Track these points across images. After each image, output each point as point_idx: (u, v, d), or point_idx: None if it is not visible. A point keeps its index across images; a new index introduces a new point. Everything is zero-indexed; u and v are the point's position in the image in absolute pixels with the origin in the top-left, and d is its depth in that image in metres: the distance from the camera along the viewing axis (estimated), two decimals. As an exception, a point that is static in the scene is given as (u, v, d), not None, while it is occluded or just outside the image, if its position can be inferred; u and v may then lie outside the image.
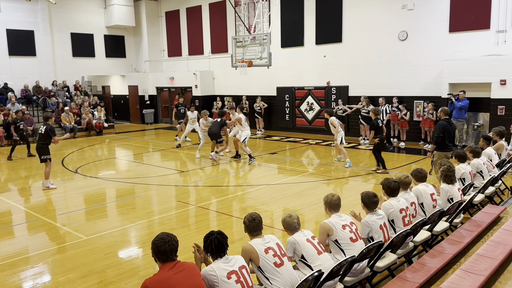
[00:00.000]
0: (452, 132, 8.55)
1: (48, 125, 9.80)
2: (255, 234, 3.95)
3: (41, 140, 9.79)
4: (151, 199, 9.04)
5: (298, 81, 18.19)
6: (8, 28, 19.85)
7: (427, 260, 4.71)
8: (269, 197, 8.75)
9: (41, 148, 9.76)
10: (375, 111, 10.46)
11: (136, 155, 14.31)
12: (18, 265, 5.70)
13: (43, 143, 9.77)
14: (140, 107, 23.92)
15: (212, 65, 21.84)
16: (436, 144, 8.37)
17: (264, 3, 18.13)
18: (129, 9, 23.36)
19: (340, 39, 16.64)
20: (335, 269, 3.86)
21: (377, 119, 10.31)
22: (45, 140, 9.76)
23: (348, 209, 7.64)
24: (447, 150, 8.32)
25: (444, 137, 8.27)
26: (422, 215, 5.55)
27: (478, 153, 7.66)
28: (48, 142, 9.80)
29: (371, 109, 10.48)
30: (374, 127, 10.24)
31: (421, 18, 14.45)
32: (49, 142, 9.82)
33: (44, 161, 9.78)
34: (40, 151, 9.76)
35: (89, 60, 22.98)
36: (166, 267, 3.31)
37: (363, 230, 4.67)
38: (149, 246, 3.47)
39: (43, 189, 9.75)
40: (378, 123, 10.32)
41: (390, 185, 5.15)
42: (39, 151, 9.78)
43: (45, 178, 9.84)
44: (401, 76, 15.12)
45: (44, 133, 9.73)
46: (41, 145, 9.77)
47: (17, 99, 19.28)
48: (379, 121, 10.36)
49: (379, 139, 10.24)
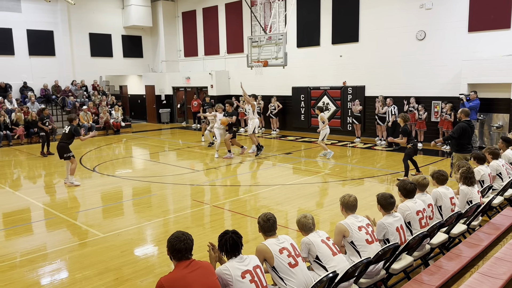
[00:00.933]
0: (471, 134, 8.42)
1: (73, 126, 10.06)
2: (269, 234, 3.94)
3: (64, 139, 10.02)
4: (167, 198, 9.12)
5: (313, 81, 18.11)
6: (28, 28, 20.25)
7: (444, 263, 4.65)
8: (284, 197, 8.74)
9: (63, 147, 9.98)
10: (404, 117, 10.11)
11: (152, 154, 14.45)
12: (37, 261, 5.81)
13: (65, 142, 10.00)
14: (157, 106, 24.14)
15: (227, 65, 21.91)
16: (446, 140, 8.49)
17: (280, 2, 18.10)
18: (147, 9, 23.59)
19: (357, 39, 16.52)
20: (350, 270, 3.83)
21: (406, 125, 10.02)
22: (68, 140, 10.01)
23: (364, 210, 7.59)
24: (466, 152, 8.21)
25: (464, 139, 8.16)
26: (439, 218, 5.47)
27: (497, 154, 7.52)
28: (70, 142, 10.06)
29: (399, 116, 10.21)
30: (406, 133, 9.85)
31: (439, 18, 14.25)
32: (71, 141, 10.09)
33: (68, 158, 10.01)
34: (62, 150, 9.97)
35: (107, 60, 23.28)
36: (181, 265, 3.33)
37: (378, 232, 4.62)
38: (164, 244, 3.50)
39: (68, 185, 9.96)
40: (409, 128, 10.13)
41: (406, 186, 5.09)
42: (61, 149, 9.98)
43: (70, 174, 10.06)
44: (419, 76, 14.93)
45: (68, 133, 9.98)
46: (63, 144, 9.99)
47: (36, 98, 19.65)
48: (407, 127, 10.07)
49: (412, 144, 9.88)
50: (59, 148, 10.05)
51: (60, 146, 10.03)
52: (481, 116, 13.30)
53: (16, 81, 19.86)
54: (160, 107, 24.05)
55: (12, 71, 19.76)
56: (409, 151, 9.94)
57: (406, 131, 9.86)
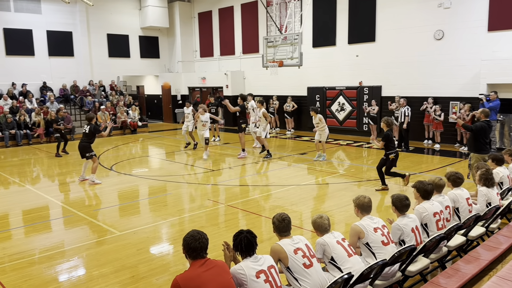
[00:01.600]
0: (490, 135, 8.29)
1: (92, 125, 10.23)
2: (284, 234, 3.94)
3: (85, 138, 10.18)
4: (182, 197, 9.19)
5: (329, 81, 18.02)
6: (48, 29, 20.62)
7: (461, 265, 4.58)
8: (298, 198, 8.72)
9: (85, 147, 10.17)
10: (387, 121, 8.83)
11: (168, 154, 14.56)
12: (55, 258, 5.91)
13: (87, 142, 10.17)
14: (173, 106, 24.33)
15: (243, 65, 21.96)
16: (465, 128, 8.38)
17: (296, 2, 18.06)
18: (163, 10, 23.80)
19: (374, 39, 16.38)
20: (366, 272, 3.81)
21: (390, 130, 8.80)
22: (89, 139, 10.19)
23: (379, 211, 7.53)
24: (484, 152, 8.08)
25: (482, 139, 8.04)
26: (457, 220, 5.39)
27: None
28: (91, 141, 10.24)
29: (382, 120, 8.92)
30: (388, 139, 8.73)
31: (458, 17, 14.03)
32: (93, 141, 10.27)
33: (90, 157, 10.19)
34: (84, 149, 10.16)
35: (124, 61, 23.57)
36: (196, 264, 3.36)
37: (394, 234, 4.57)
38: (179, 243, 3.53)
39: (89, 183, 10.12)
40: (392, 135, 8.88)
41: (425, 187, 5.03)
42: (83, 149, 10.16)
43: (92, 173, 10.22)
44: (437, 76, 14.73)
45: (88, 132, 10.16)
46: (85, 144, 10.17)
47: (55, 98, 20.00)
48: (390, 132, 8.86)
49: (395, 155, 8.80)
50: (81, 148, 10.21)
51: (82, 146, 10.20)
52: (501, 116, 13.06)
53: (36, 81, 20.25)
54: (176, 107, 24.23)
55: (32, 71, 20.16)
56: (392, 162, 8.82)
57: (388, 137, 8.73)
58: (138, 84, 26.74)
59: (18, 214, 8.13)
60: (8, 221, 7.76)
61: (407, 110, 13.99)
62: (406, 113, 13.96)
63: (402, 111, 14.07)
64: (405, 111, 14.00)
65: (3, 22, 19.31)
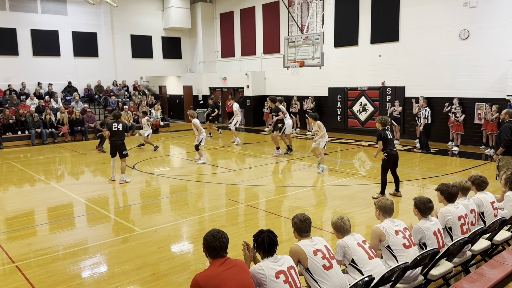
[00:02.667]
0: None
1: (123, 122, 10.38)
2: (304, 235, 3.92)
3: (120, 137, 10.25)
4: (203, 196, 9.25)
5: (351, 81, 17.86)
6: (73, 30, 21.08)
7: (486, 270, 4.47)
8: (318, 199, 8.66)
9: (122, 145, 10.27)
10: (381, 120, 8.44)
11: (189, 153, 14.68)
12: (78, 255, 6.04)
13: (122, 140, 10.28)
14: (194, 106, 24.53)
15: (264, 66, 21.97)
16: (505, 148, 7.89)
17: (318, 2, 17.96)
18: (186, 11, 24.02)
19: (397, 38, 16.15)
20: (387, 275, 3.76)
21: (384, 130, 8.40)
22: (123, 137, 10.31)
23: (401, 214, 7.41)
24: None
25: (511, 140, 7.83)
26: (482, 225, 5.27)
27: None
28: (124, 138, 10.38)
29: (377, 119, 8.52)
30: (380, 137, 8.29)
31: (484, 16, 13.70)
32: (125, 138, 10.39)
33: (126, 155, 10.33)
34: (122, 147, 10.25)
35: (147, 61, 23.89)
36: (216, 263, 3.38)
37: (415, 236, 4.50)
38: (200, 242, 3.56)
39: (121, 183, 10.25)
40: (386, 134, 8.41)
41: (450, 190, 4.92)
42: (121, 147, 10.24)
43: (122, 173, 10.35)
44: (462, 77, 14.41)
45: (122, 130, 10.25)
46: (121, 142, 10.26)
47: (80, 97, 20.43)
48: (387, 133, 8.45)
49: (386, 154, 8.34)
50: (117, 146, 10.21)
51: (119, 144, 10.22)
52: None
53: (61, 81, 20.73)
54: (197, 107, 24.43)
55: (57, 71, 20.65)
56: (383, 163, 8.40)
57: (380, 136, 8.31)
58: (161, 84, 27.08)
59: (43, 211, 8.34)
60: (33, 217, 7.96)
61: (424, 112, 13.72)
62: (424, 114, 13.69)
63: (421, 112, 13.83)
64: (423, 113, 13.77)
65: (30, 24, 19.84)
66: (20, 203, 8.82)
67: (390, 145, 8.38)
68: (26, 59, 19.87)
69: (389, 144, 8.36)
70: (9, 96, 18.63)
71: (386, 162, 8.39)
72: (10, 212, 8.23)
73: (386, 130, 8.44)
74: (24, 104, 18.49)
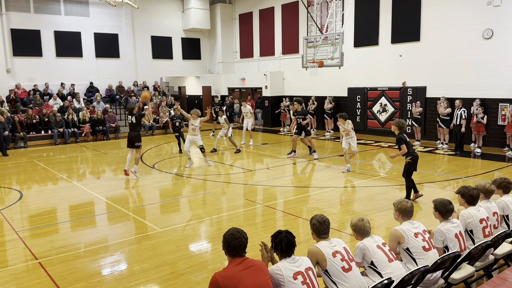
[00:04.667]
0: None
1: (135, 114, 10.64)
2: (322, 236, 3.90)
3: (134, 129, 10.62)
4: (220, 196, 9.29)
5: (371, 81, 17.68)
6: (95, 32, 21.46)
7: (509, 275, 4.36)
8: (337, 200, 8.61)
9: (136, 136, 10.60)
10: (398, 124, 8.21)
11: (208, 153, 14.75)
12: (99, 253, 6.14)
13: (137, 131, 10.63)
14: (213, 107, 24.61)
15: (282, 66, 21.94)
16: None
17: (338, 2, 17.84)
18: (205, 12, 24.18)
19: (418, 38, 15.91)
20: (407, 278, 3.71)
21: (401, 132, 8.19)
22: (137, 128, 10.64)
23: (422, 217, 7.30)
24: None
25: None
26: (505, 228, 5.15)
27: None
28: (139, 129, 10.71)
29: (393, 122, 8.33)
30: (402, 141, 8.08)
31: (508, 15, 13.38)
32: (140, 129, 10.71)
33: (138, 147, 10.63)
34: (135, 139, 10.57)
35: (167, 62, 24.14)
36: (234, 262, 3.39)
37: (436, 239, 4.42)
38: (218, 241, 3.58)
39: (132, 172, 10.58)
40: (406, 137, 8.18)
41: (470, 192, 4.83)
42: (134, 138, 10.57)
43: (135, 163, 10.64)
44: (485, 77, 14.11)
45: (135, 121, 10.58)
46: (135, 133, 10.61)
47: (102, 98, 20.78)
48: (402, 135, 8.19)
49: (410, 158, 8.13)
50: (131, 137, 10.59)
51: (133, 135, 10.58)
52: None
53: (83, 82, 21.13)
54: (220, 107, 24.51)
55: (80, 72, 21.07)
56: (408, 166, 8.18)
57: (401, 140, 8.11)
58: (180, 84, 27.32)
59: (65, 209, 8.51)
60: (56, 215, 8.13)
61: (463, 113, 13.44)
62: (463, 116, 13.43)
63: (458, 113, 13.51)
64: (461, 113, 13.48)
65: (54, 25, 20.28)
66: (43, 201, 9.02)
67: (410, 148, 8.17)
68: (50, 60, 20.32)
69: (410, 146, 8.15)
70: (33, 96, 19.07)
71: (412, 165, 8.16)
72: (34, 209, 8.43)
73: (402, 133, 8.19)
74: (47, 104, 18.90)
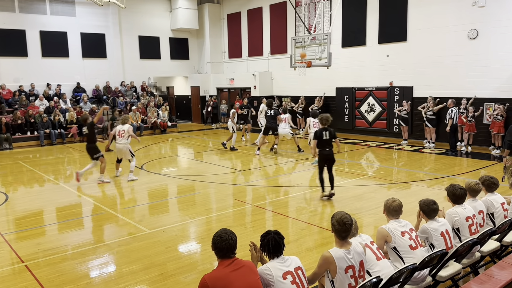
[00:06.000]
0: None
1: (87, 124, 10.27)
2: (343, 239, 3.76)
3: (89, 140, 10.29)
4: (210, 197, 9.27)
5: (358, 81, 17.80)
6: (82, 31, 21.24)
7: (495, 272, 4.43)
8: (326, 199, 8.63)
9: (91, 148, 10.28)
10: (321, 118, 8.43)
11: (197, 154, 14.73)
12: (87, 255, 6.08)
13: (92, 143, 10.28)
14: (201, 107, 24.59)
15: (271, 66, 21.97)
16: (509, 149, 7.80)
17: (325, 2, 17.92)
18: (193, 12, 24.09)
19: (405, 38, 16.06)
20: (395, 276, 3.74)
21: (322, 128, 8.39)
22: (92, 138, 10.28)
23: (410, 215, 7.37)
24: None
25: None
26: (491, 225, 5.22)
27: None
28: (94, 140, 10.31)
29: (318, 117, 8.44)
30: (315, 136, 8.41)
31: (493, 16, 13.58)
32: (95, 140, 10.32)
33: (97, 159, 10.31)
34: (91, 152, 10.28)
35: (155, 62, 24.00)
36: (224, 263, 3.39)
37: (420, 236, 4.46)
38: (207, 242, 3.58)
39: (98, 182, 10.34)
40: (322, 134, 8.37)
41: (455, 192, 4.89)
42: (90, 151, 10.28)
43: (100, 173, 10.42)
44: (471, 77, 14.30)
45: (88, 132, 10.24)
46: (90, 146, 10.29)
47: (89, 98, 20.57)
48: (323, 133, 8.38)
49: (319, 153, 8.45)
50: (88, 150, 10.33)
51: (88, 148, 10.30)
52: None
53: (70, 82, 20.89)
54: (204, 107, 24.50)
55: (66, 72, 20.80)
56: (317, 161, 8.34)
57: (315, 135, 8.41)
58: (168, 85, 27.19)
59: (52, 211, 8.41)
60: (42, 217, 8.03)
61: (451, 112, 13.51)
62: (450, 115, 13.50)
63: (449, 112, 13.60)
64: (449, 113, 13.57)
65: (39, 25, 20.01)
66: (29, 203, 8.91)
67: (323, 144, 8.33)
68: (35, 60, 20.05)
69: (323, 143, 8.32)
70: (19, 97, 18.81)
71: (320, 161, 8.48)
72: (20, 212, 8.32)
73: (324, 129, 8.34)
74: (33, 105, 18.66)
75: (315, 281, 3.89)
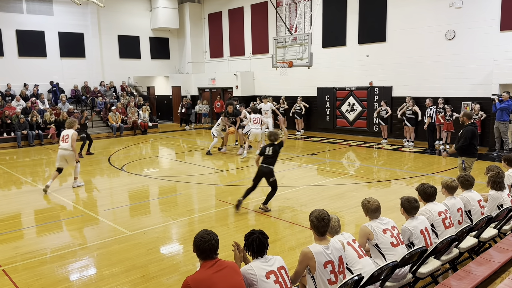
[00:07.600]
0: None
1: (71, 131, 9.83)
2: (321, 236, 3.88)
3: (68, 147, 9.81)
4: (192, 197, 9.22)
5: (339, 81, 17.96)
6: (60, 31, 20.84)
7: (473, 267, 4.53)
8: (308, 199, 8.70)
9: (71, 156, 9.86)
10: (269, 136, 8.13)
11: (178, 154, 14.63)
12: (66, 258, 5.97)
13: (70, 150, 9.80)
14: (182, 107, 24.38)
15: (252, 66, 21.98)
16: (460, 149, 7.96)
17: (306, 3, 18.03)
18: (174, 11, 23.91)
19: (384, 38, 16.28)
20: (376, 273, 3.79)
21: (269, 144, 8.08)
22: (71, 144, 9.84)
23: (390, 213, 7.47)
24: (476, 156, 8.06)
25: (474, 143, 7.96)
26: (469, 223, 5.34)
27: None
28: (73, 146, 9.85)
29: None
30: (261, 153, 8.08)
31: (470, 16, 13.89)
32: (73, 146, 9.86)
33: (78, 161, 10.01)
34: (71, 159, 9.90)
35: (135, 62, 23.73)
36: (206, 264, 3.37)
37: (403, 236, 4.54)
38: (189, 243, 3.55)
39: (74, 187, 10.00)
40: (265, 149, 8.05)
41: (426, 190, 4.98)
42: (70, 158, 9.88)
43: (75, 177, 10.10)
44: (448, 77, 14.59)
45: None
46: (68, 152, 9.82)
47: (67, 98, 20.20)
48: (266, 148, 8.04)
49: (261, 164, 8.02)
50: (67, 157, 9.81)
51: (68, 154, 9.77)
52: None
53: (47, 82, 20.48)
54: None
55: (44, 72, 20.39)
56: None
57: (260, 150, 8.15)
58: (149, 85, 26.92)
59: (30, 213, 8.23)
60: (20, 220, 7.86)
61: (429, 111, 13.69)
62: (429, 113, 13.70)
63: (427, 111, 13.78)
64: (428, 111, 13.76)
65: (15, 24, 19.57)
66: (6, 206, 8.69)
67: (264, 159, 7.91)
68: (12, 60, 19.59)
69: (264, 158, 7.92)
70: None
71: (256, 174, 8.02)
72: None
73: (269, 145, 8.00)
74: (9, 106, 18.22)
75: (298, 280, 3.91)
